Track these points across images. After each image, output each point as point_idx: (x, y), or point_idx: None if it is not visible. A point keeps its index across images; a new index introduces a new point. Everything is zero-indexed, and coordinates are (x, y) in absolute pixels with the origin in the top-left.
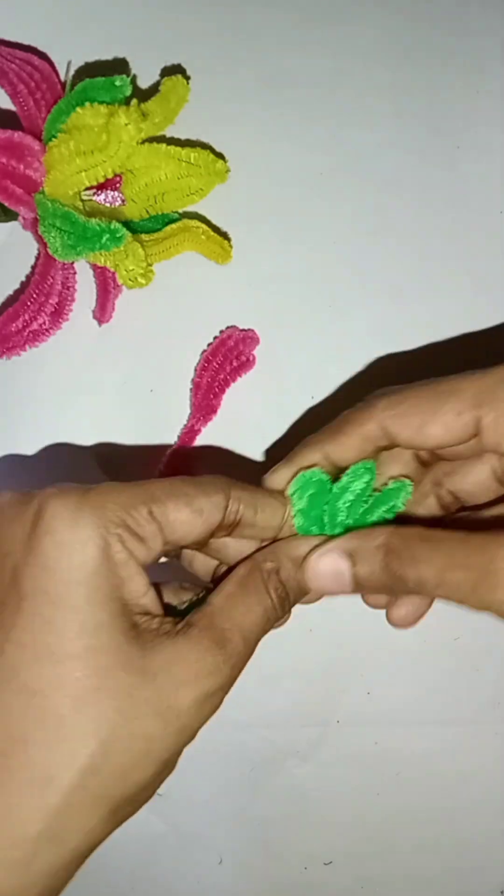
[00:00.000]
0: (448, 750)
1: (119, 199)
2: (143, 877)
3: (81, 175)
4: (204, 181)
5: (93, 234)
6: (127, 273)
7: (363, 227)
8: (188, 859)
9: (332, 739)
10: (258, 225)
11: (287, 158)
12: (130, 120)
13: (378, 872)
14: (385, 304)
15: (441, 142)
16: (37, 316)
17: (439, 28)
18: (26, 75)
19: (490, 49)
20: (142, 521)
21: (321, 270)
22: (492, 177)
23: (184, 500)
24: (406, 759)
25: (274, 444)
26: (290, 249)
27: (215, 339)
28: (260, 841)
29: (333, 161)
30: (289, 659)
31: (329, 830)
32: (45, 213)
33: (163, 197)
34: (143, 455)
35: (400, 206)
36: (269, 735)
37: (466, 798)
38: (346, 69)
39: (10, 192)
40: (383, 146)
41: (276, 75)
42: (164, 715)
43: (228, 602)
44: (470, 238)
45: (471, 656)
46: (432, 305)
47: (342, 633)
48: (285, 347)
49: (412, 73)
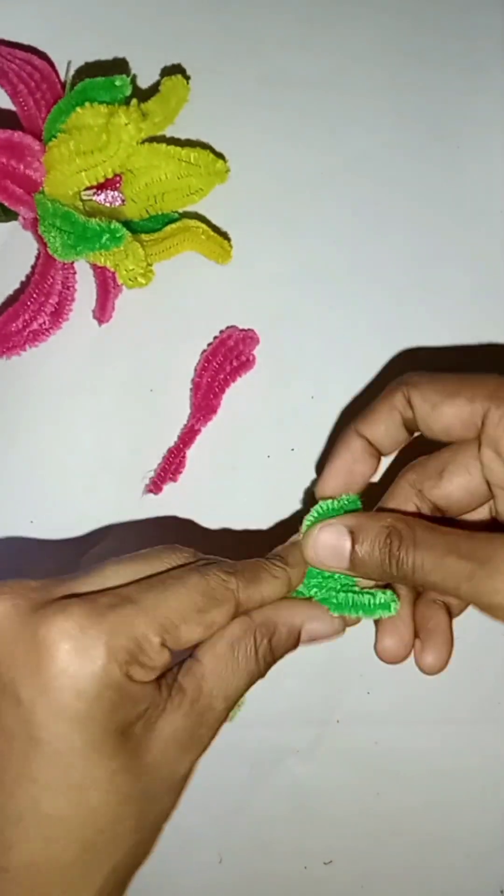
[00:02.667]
0: (448, 749)
1: (119, 198)
2: (143, 877)
3: (81, 175)
4: (204, 181)
5: (93, 233)
6: (127, 273)
7: (363, 227)
8: (188, 859)
9: (332, 739)
10: (258, 225)
11: (287, 158)
12: (130, 120)
13: (378, 872)
14: (385, 304)
15: (441, 142)
16: (37, 316)
17: (439, 28)
18: (26, 75)
19: (490, 49)
20: (153, 654)
21: (321, 270)
22: (492, 177)
23: (196, 620)
24: (406, 758)
25: (274, 444)
26: (290, 249)
27: (215, 339)
28: (260, 840)
29: (333, 161)
30: (289, 659)
31: (329, 830)
32: (45, 212)
33: (163, 197)
34: (143, 455)
35: (400, 207)
36: (268, 734)
37: (466, 797)
38: (346, 69)
39: (10, 191)
40: (383, 146)
41: (276, 75)
42: (163, 802)
43: (219, 665)
44: (470, 238)
45: (471, 656)
46: (432, 305)
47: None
48: (285, 347)
49: (412, 73)
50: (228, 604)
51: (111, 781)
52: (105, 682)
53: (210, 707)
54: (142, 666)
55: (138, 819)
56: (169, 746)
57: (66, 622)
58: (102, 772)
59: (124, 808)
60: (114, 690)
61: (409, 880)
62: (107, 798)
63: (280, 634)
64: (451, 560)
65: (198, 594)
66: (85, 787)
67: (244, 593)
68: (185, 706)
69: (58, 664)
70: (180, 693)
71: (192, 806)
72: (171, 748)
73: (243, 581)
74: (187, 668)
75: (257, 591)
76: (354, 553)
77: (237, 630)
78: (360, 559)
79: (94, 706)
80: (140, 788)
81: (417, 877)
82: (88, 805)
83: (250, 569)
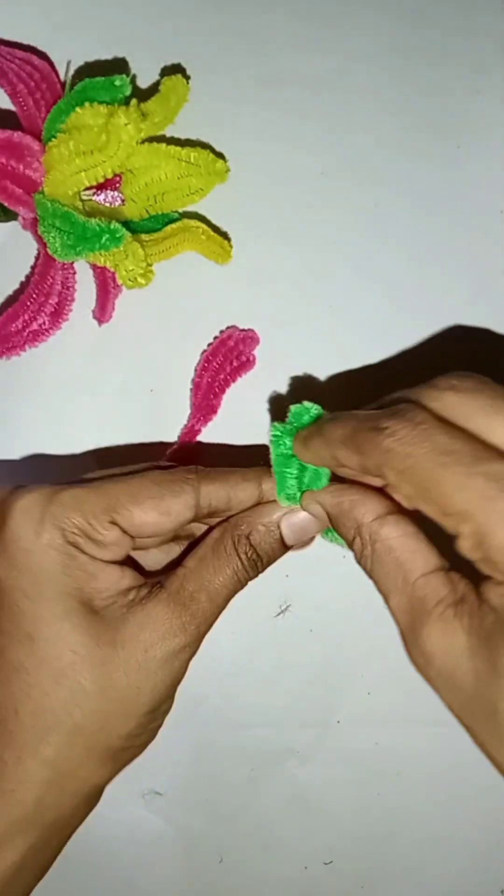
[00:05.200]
0: (448, 750)
1: (119, 198)
2: (143, 877)
3: (81, 175)
4: (204, 181)
5: (92, 234)
6: (127, 273)
7: (363, 227)
8: (188, 859)
9: (333, 739)
10: (258, 225)
11: (287, 158)
12: (130, 120)
13: (378, 872)
14: (385, 304)
15: (441, 142)
16: (36, 316)
17: (439, 28)
18: (26, 75)
19: (490, 49)
20: (101, 528)
21: (321, 270)
22: (492, 177)
23: (150, 504)
24: (406, 759)
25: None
26: (290, 249)
27: (215, 339)
28: (260, 841)
29: (333, 161)
30: (289, 659)
31: (329, 830)
32: (45, 213)
33: (163, 197)
34: (143, 455)
35: (400, 206)
36: (269, 735)
37: (466, 798)
38: (346, 69)
39: (9, 192)
40: (383, 146)
41: (276, 75)
42: (135, 676)
43: (200, 564)
44: (470, 238)
45: None
46: (432, 305)
47: (342, 633)
48: (285, 347)
49: (412, 72)
50: (186, 494)
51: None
52: (52, 547)
53: (192, 599)
54: (91, 540)
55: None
56: (145, 629)
57: (23, 500)
58: (51, 617)
59: (76, 665)
60: (64, 557)
61: (409, 880)
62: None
63: (258, 532)
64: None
65: (153, 483)
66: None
67: (206, 488)
68: (164, 597)
69: (11, 532)
70: (160, 588)
71: (192, 806)
72: (146, 631)
73: (207, 478)
74: (172, 572)
75: (223, 489)
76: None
77: (216, 533)
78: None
79: (44, 568)
80: (100, 655)
81: (417, 877)
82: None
83: (220, 470)
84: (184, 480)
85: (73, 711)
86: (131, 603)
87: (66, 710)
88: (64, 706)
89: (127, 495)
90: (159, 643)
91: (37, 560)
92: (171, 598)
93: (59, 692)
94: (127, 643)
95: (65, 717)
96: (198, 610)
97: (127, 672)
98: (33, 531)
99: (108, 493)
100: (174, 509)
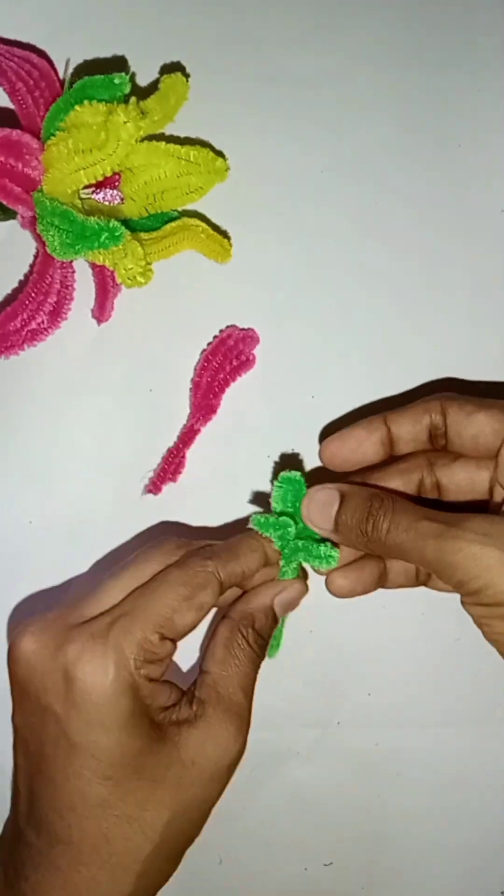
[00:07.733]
0: (448, 751)
1: (118, 197)
2: None
3: (80, 173)
4: (203, 179)
5: (91, 232)
6: (126, 272)
7: (363, 226)
8: (188, 859)
9: (333, 740)
10: (258, 224)
11: (287, 158)
12: (129, 118)
13: (378, 873)
14: (385, 304)
15: (441, 142)
16: (35, 315)
17: (440, 28)
18: (25, 73)
19: (490, 49)
20: (156, 648)
21: (321, 270)
22: (492, 177)
23: (185, 606)
24: (406, 760)
25: (274, 444)
26: (290, 249)
27: (215, 338)
28: (260, 841)
29: (333, 160)
30: (289, 659)
31: (329, 831)
32: (44, 211)
33: (162, 195)
34: (142, 455)
35: (400, 206)
36: (269, 736)
37: (467, 799)
38: (346, 68)
39: (8, 190)
40: (383, 145)
41: (277, 74)
42: (209, 788)
43: (223, 668)
44: (470, 238)
45: (471, 657)
46: (432, 305)
47: (342, 633)
48: (285, 347)
49: (412, 72)
50: (211, 585)
51: (137, 759)
52: (120, 687)
53: (232, 702)
54: (152, 662)
55: (173, 804)
56: (206, 745)
57: (80, 650)
58: (128, 757)
59: (156, 790)
60: (132, 691)
61: (409, 882)
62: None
63: (259, 619)
64: (424, 523)
65: (181, 586)
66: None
67: (224, 571)
68: (210, 713)
69: (80, 684)
70: (201, 705)
71: None
72: (209, 746)
73: (221, 561)
74: (200, 683)
75: (237, 566)
76: (340, 514)
77: (225, 632)
78: (343, 521)
79: (114, 709)
80: (175, 775)
81: (418, 878)
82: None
83: (227, 547)
84: (203, 571)
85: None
86: (182, 721)
87: (148, 839)
88: (149, 836)
89: (166, 608)
90: (223, 755)
91: (108, 704)
92: (216, 713)
93: (143, 819)
94: (195, 763)
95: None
96: (242, 709)
97: (203, 786)
98: (102, 679)
99: (148, 613)
100: (205, 602)
